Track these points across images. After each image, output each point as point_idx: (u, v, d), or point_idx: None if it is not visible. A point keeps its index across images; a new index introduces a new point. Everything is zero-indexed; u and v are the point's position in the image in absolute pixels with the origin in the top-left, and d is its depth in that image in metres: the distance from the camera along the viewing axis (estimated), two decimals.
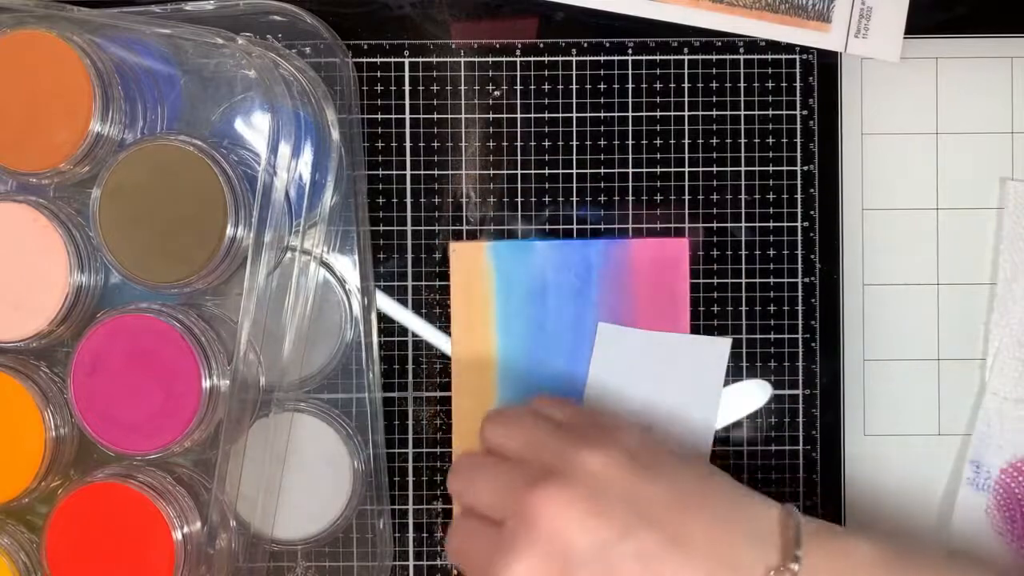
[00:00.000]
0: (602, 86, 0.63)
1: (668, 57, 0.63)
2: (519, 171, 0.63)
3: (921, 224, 0.63)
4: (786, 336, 0.63)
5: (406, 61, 0.63)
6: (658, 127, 0.63)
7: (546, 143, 0.63)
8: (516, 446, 0.52)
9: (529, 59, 0.63)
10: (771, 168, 0.63)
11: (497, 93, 0.63)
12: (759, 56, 0.63)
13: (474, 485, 0.52)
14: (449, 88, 0.63)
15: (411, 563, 0.63)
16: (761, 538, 0.47)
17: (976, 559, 0.58)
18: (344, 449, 0.61)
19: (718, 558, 0.46)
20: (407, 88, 0.63)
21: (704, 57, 0.63)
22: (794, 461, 0.62)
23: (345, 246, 0.61)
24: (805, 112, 0.63)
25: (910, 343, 0.63)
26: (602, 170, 0.63)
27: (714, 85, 0.63)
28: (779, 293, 0.63)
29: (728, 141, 0.63)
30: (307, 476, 0.61)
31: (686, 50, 0.63)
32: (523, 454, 0.51)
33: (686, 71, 0.63)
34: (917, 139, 0.63)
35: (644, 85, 0.63)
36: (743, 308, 0.63)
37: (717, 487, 0.50)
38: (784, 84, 0.63)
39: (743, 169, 0.63)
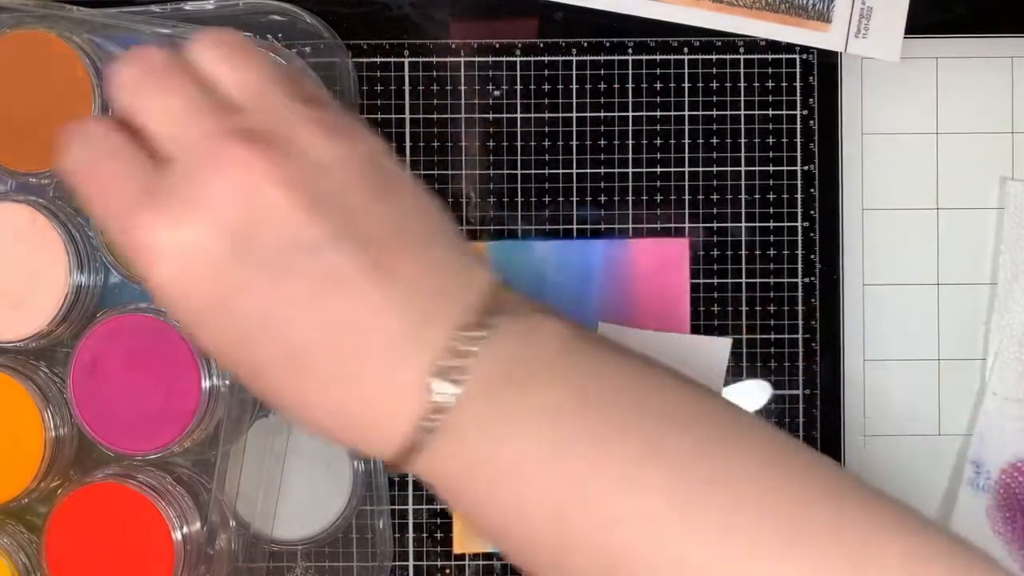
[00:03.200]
0: (602, 86, 0.63)
1: (668, 57, 0.63)
2: (519, 171, 0.63)
3: (921, 224, 0.63)
4: (786, 336, 0.62)
5: (406, 61, 0.62)
6: (658, 127, 0.63)
7: (546, 143, 0.63)
8: (237, 85, 0.40)
9: (529, 59, 0.63)
10: (771, 168, 0.63)
11: (497, 93, 0.63)
12: (759, 56, 0.63)
13: (161, 95, 0.40)
14: (449, 88, 0.63)
15: (411, 563, 0.63)
16: (463, 294, 0.40)
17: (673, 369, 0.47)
18: (344, 449, 0.61)
19: (413, 301, 0.39)
20: (407, 88, 0.63)
21: (704, 57, 0.63)
22: None
23: None
24: (805, 112, 0.63)
25: (910, 343, 0.63)
26: (602, 170, 0.63)
27: (714, 85, 0.63)
28: (779, 293, 0.63)
29: (728, 141, 0.63)
30: (307, 476, 0.61)
31: (686, 50, 0.63)
32: (243, 98, 0.40)
33: (686, 71, 0.63)
34: (917, 139, 0.63)
35: (644, 85, 0.63)
36: (743, 308, 0.62)
37: (445, 230, 0.42)
38: (784, 84, 0.63)
39: (743, 169, 0.63)
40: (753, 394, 0.62)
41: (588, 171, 0.63)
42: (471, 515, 0.40)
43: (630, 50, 0.63)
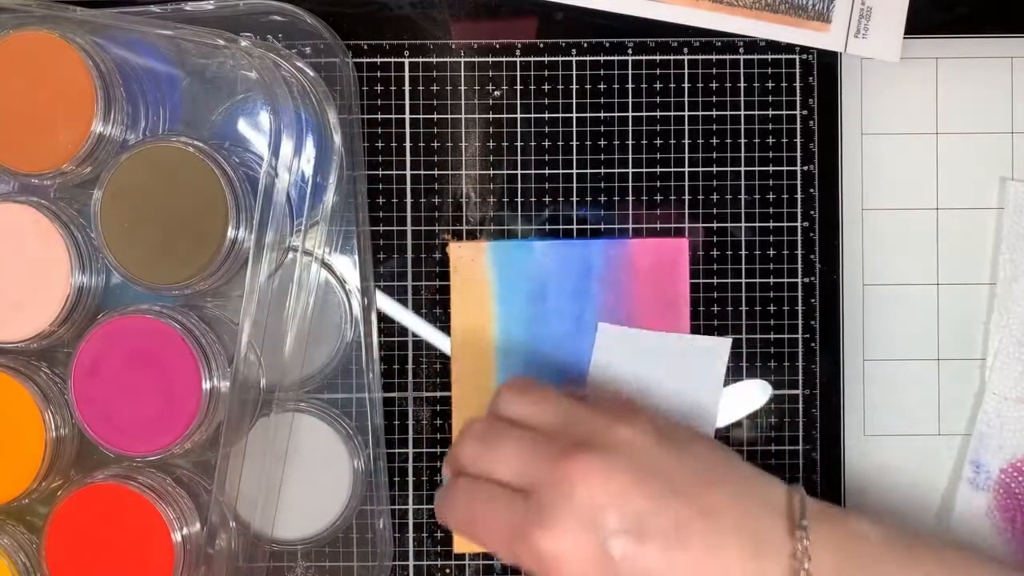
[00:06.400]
0: (602, 86, 0.63)
1: (668, 57, 0.63)
2: (519, 171, 0.63)
3: (921, 224, 0.63)
4: (786, 336, 0.63)
5: (406, 61, 0.62)
6: (658, 127, 0.63)
7: (546, 143, 0.63)
8: (544, 417, 0.52)
9: (529, 59, 0.63)
10: (771, 168, 0.63)
11: (497, 93, 0.63)
12: (759, 56, 0.63)
13: (496, 451, 0.51)
14: (449, 88, 0.63)
15: (411, 563, 0.63)
16: (776, 511, 0.49)
17: (966, 546, 0.58)
18: (344, 449, 0.61)
19: (743, 528, 0.48)
20: (407, 88, 0.63)
21: (704, 57, 0.63)
22: (794, 461, 0.62)
23: (345, 246, 0.61)
24: (805, 112, 0.63)
25: (910, 343, 0.63)
26: (602, 170, 0.63)
27: (714, 85, 0.63)
28: (779, 293, 0.63)
29: (728, 141, 0.63)
30: (307, 476, 0.61)
31: (686, 50, 0.63)
32: (552, 425, 0.51)
33: (686, 71, 0.63)
34: (917, 139, 0.63)
35: (644, 85, 0.63)
36: (743, 308, 0.63)
37: (733, 463, 0.52)
38: (784, 84, 0.63)
39: (743, 169, 0.63)
40: (753, 394, 0.62)
41: (588, 171, 0.63)
42: None
43: (630, 50, 0.63)
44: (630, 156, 0.63)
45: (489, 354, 0.62)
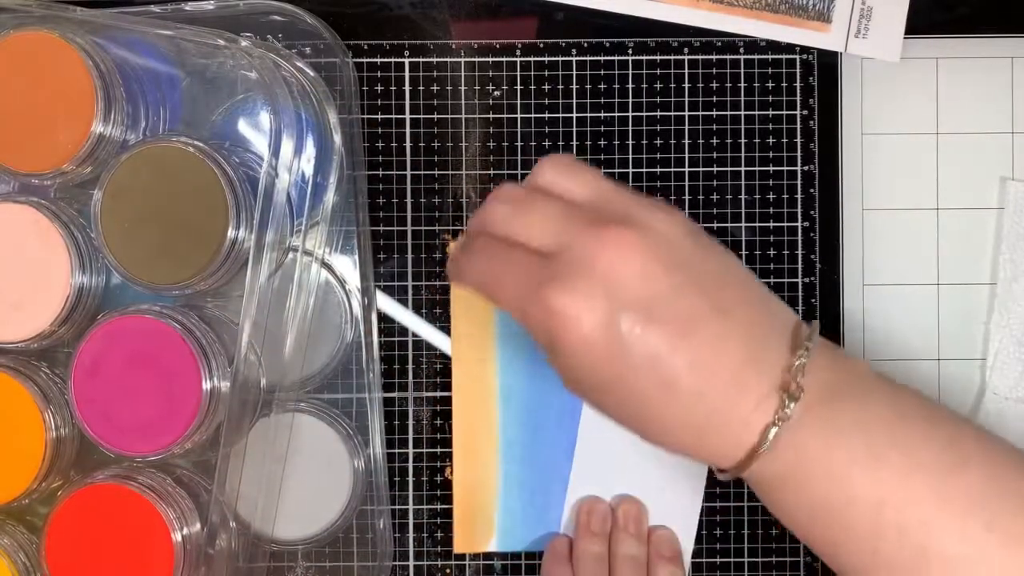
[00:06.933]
0: (602, 86, 0.63)
1: (668, 57, 0.63)
2: (519, 171, 0.63)
3: (921, 224, 0.63)
4: None
5: (406, 61, 0.63)
6: (658, 127, 0.63)
7: (546, 143, 0.63)
8: (581, 193, 0.51)
9: (529, 59, 0.63)
10: (771, 168, 0.63)
11: (497, 93, 0.63)
12: (759, 56, 0.63)
13: (527, 214, 0.50)
14: (449, 88, 0.63)
15: (411, 563, 0.63)
16: (783, 329, 0.49)
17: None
18: (344, 449, 0.61)
19: (749, 335, 0.48)
20: (407, 88, 0.63)
21: (704, 57, 0.63)
22: None
23: (345, 246, 0.61)
24: (805, 112, 0.63)
25: (910, 343, 0.63)
26: (602, 170, 0.62)
27: (714, 85, 0.63)
28: (779, 293, 0.62)
29: (728, 141, 0.63)
30: (307, 476, 0.61)
31: (686, 50, 0.63)
32: (588, 202, 0.50)
33: (686, 71, 0.63)
34: (917, 139, 0.63)
35: (644, 85, 0.63)
36: None
37: (752, 278, 0.51)
38: (784, 84, 0.63)
39: (743, 169, 0.63)
40: None
41: None
42: (790, 509, 0.48)
43: (630, 50, 0.63)
44: (630, 156, 0.63)
45: (489, 354, 0.62)
